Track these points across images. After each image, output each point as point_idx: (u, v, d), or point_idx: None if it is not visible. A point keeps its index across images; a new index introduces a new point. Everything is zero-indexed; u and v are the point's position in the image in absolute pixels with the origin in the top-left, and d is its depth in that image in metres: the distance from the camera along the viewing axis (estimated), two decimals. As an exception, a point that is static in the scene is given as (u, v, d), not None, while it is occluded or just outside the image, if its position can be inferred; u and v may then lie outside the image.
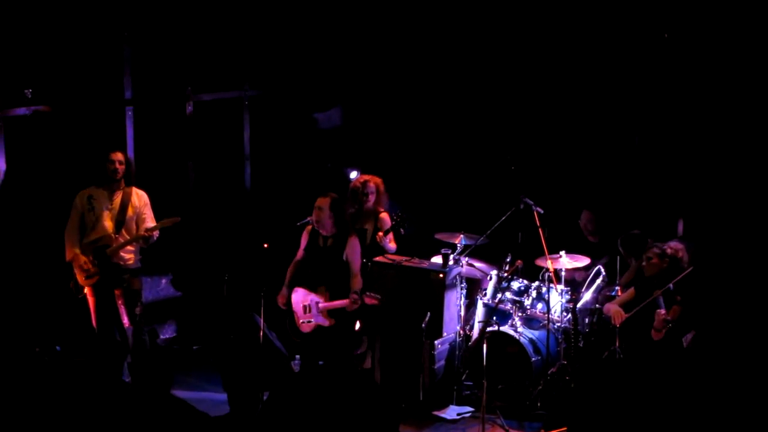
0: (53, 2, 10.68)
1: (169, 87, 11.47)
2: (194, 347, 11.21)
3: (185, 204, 11.41)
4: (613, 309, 9.15)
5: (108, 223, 9.54)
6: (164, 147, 11.31)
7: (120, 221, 9.56)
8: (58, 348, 10.17)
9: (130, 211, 9.59)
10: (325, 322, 9.39)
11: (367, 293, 9.29)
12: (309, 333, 9.48)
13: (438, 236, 10.37)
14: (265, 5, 11.58)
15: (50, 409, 8.12)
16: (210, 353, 10.96)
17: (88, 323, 9.76)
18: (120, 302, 9.59)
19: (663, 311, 8.77)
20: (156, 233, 9.59)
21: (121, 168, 9.56)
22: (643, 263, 9.09)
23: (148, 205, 9.72)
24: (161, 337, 11.16)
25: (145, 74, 11.34)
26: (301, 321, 9.49)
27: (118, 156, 9.58)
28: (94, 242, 9.53)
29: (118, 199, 9.59)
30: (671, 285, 8.84)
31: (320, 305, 9.37)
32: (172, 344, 11.20)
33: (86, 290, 9.57)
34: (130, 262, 9.65)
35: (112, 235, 9.53)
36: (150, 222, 9.66)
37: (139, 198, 9.68)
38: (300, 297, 9.52)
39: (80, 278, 9.55)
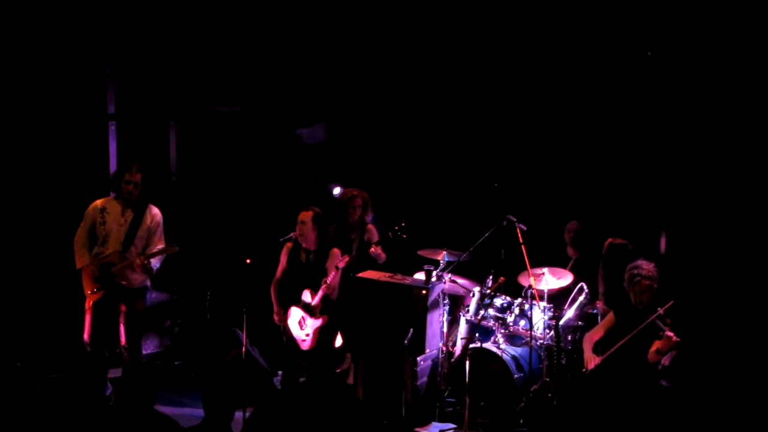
0: (37, 15, 10.65)
1: (152, 102, 11.45)
2: (176, 362, 11.18)
3: (168, 219, 11.37)
4: (586, 354, 9.03)
5: (117, 240, 9.45)
6: (147, 162, 11.28)
7: (129, 239, 9.46)
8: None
9: (140, 230, 9.50)
10: (319, 321, 9.46)
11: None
12: (309, 351, 9.49)
13: (421, 252, 10.38)
14: (249, 21, 11.58)
15: (33, 424, 8.08)
16: (192, 369, 10.93)
17: (68, 336, 9.75)
18: (121, 320, 9.53)
19: (672, 334, 8.63)
20: (154, 261, 9.52)
21: (136, 191, 9.47)
22: (633, 295, 8.91)
23: (161, 226, 9.63)
24: (143, 352, 11.11)
25: (128, 89, 11.32)
26: (301, 339, 9.52)
27: (136, 178, 9.46)
28: (101, 257, 9.45)
29: (130, 216, 9.50)
30: (661, 310, 8.75)
31: (312, 303, 9.44)
32: (155, 359, 11.16)
33: (87, 303, 9.50)
34: (136, 282, 9.58)
35: (120, 253, 9.45)
36: (160, 244, 9.58)
37: (153, 217, 9.58)
38: (294, 316, 9.59)
39: (87, 289, 9.49)
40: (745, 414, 8.98)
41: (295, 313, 9.60)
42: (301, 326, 9.55)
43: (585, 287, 9.91)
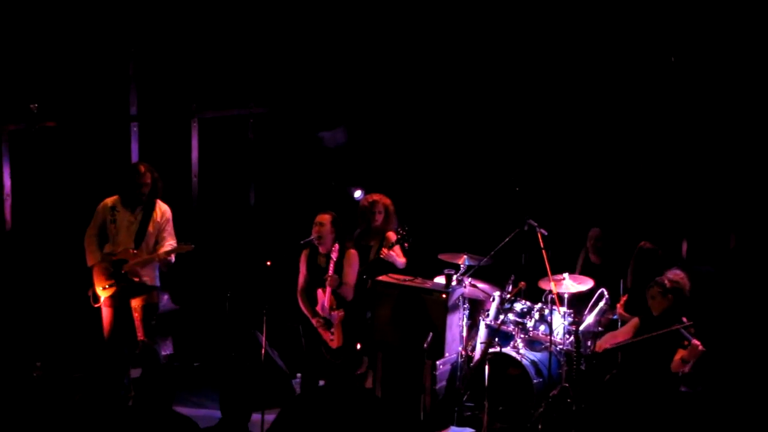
0: (60, 17, 10.70)
1: (174, 104, 11.48)
2: (195, 364, 11.19)
3: (189, 221, 11.41)
4: (599, 341, 9.14)
5: (128, 238, 9.54)
6: (168, 163, 11.32)
7: (140, 237, 9.55)
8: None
9: (151, 227, 9.59)
10: (336, 317, 9.48)
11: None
12: (339, 348, 9.51)
13: (441, 256, 10.36)
14: (272, 23, 11.60)
15: (52, 424, 8.12)
16: (211, 370, 10.94)
17: (89, 337, 9.78)
18: (137, 315, 9.60)
19: (698, 342, 8.61)
20: (173, 257, 9.60)
21: (147, 190, 9.57)
22: (648, 301, 9.00)
23: (170, 222, 9.71)
24: (162, 353, 11.13)
25: (150, 91, 11.36)
26: (329, 339, 9.54)
27: (146, 178, 9.55)
28: (113, 254, 9.54)
29: (140, 213, 9.59)
30: (685, 319, 8.73)
31: (326, 307, 9.46)
32: (173, 360, 11.18)
33: (102, 300, 9.57)
34: (147, 280, 9.65)
35: (132, 250, 9.53)
36: (170, 239, 9.66)
37: (162, 214, 9.67)
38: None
39: (99, 287, 9.55)
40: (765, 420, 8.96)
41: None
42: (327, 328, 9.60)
43: (605, 293, 9.87)
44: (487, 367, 9.19)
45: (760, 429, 8.93)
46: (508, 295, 9.90)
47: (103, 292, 9.55)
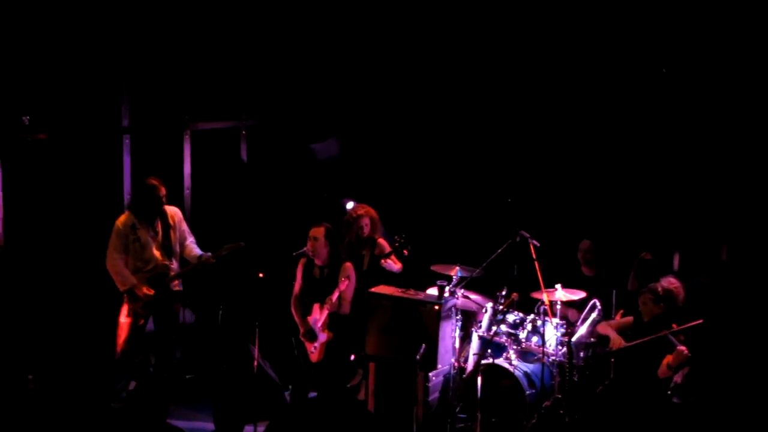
0: (52, 29, 10.69)
1: (166, 116, 11.47)
2: (188, 376, 11.17)
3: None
4: (613, 335, 9.16)
5: (157, 252, 9.62)
6: (161, 175, 11.32)
7: (167, 247, 9.65)
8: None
9: (173, 235, 9.68)
10: (323, 337, 9.46)
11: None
12: (318, 362, 9.50)
13: (434, 268, 10.36)
14: (263, 35, 11.61)
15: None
16: (204, 383, 10.92)
17: (81, 349, 9.78)
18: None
19: (684, 348, 8.65)
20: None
21: (165, 201, 9.68)
22: (639, 307, 9.05)
23: (183, 220, 9.87)
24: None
25: (142, 103, 11.35)
26: (310, 351, 9.53)
27: (163, 191, 9.65)
28: (148, 272, 9.59)
29: (159, 225, 9.65)
30: (675, 325, 8.78)
31: (317, 324, 9.43)
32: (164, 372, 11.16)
33: (129, 318, 9.58)
34: (177, 287, 9.77)
35: (165, 263, 9.60)
36: (190, 237, 9.76)
37: (175, 216, 9.78)
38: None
39: (137, 307, 9.56)
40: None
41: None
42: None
43: (598, 304, 9.88)
44: (479, 378, 9.19)
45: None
46: (501, 307, 9.92)
47: (143, 312, 9.56)
